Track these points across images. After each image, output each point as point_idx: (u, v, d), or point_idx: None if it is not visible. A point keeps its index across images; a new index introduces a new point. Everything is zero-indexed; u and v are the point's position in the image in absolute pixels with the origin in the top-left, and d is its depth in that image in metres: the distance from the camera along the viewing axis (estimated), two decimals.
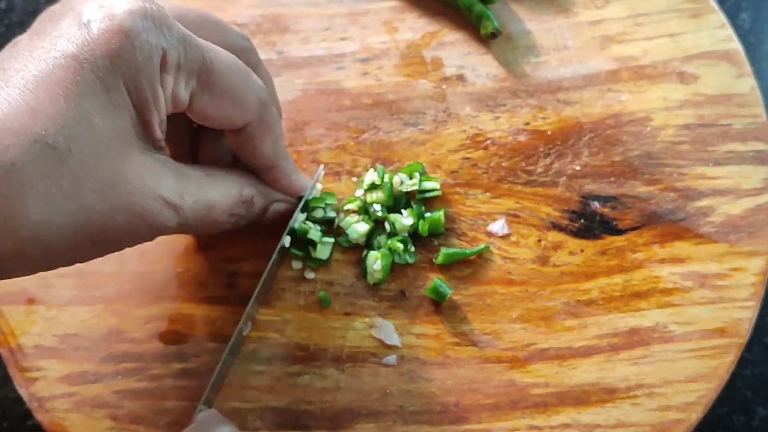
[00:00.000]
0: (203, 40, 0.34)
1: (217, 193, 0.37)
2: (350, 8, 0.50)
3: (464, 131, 0.46)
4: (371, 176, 0.44)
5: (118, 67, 0.30)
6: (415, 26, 0.49)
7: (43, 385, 0.41)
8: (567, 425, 0.40)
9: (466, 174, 0.45)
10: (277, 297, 0.43)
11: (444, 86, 0.47)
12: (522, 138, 0.46)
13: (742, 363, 0.46)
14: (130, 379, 0.41)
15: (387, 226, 0.43)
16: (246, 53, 0.38)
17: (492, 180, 0.44)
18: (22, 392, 0.42)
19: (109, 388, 0.41)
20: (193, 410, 0.39)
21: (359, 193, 0.44)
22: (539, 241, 0.44)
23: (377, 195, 0.43)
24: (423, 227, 0.43)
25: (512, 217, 0.44)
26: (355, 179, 0.45)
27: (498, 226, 0.44)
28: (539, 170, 0.45)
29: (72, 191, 0.30)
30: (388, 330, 0.42)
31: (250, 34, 0.49)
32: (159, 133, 0.33)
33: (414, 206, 0.43)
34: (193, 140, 0.42)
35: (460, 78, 0.47)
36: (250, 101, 0.36)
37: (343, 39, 0.49)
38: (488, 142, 0.46)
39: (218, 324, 0.42)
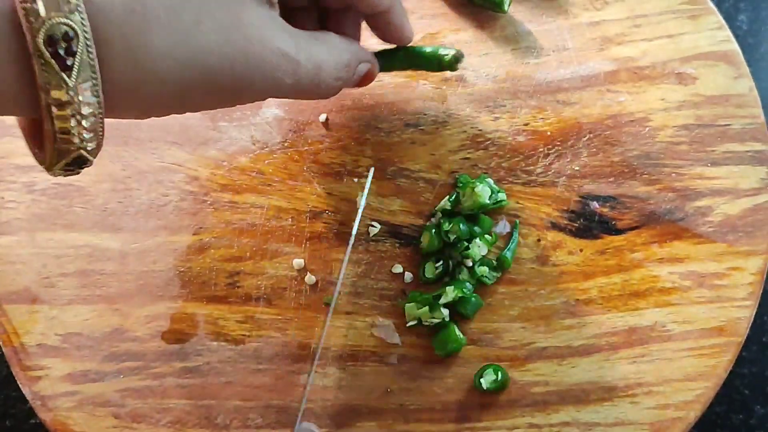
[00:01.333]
0: None
1: (326, 54, 0.37)
2: None
3: (464, 132, 0.46)
4: (444, 202, 0.44)
5: None
6: (416, 27, 0.49)
7: (46, 384, 0.42)
8: (566, 423, 0.40)
9: (466, 174, 0.45)
10: (279, 296, 0.43)
11: (444, 87, 0.48)
12: (521, 138, 0.46)
13: (740, 362, 0.47)
14: (132, 377, 0.42)
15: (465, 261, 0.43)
16: None
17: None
18: (25, 391, 0.42)
19: (112, 387, 0.42)
20: (194, 409, 0.40)
21: (432, 221, 0.44)
22: (539, 240, 0.44)
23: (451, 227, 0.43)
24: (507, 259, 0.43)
25: (512, 217, 0.44)
26: (356, 180, 0.45)
27: (498, 227, 0.44)
28: (539, 170, 0.45)
29: (194, 27, 0.30)
30: (388, 329, 0.42)
31: None
32: None
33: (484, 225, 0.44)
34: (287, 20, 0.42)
35: (460, 79, 0.48)
36: None
37: None
38: (488, 142, 0.46)
39: (220, 323, 0.43)
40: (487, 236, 0.43)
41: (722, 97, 0.46)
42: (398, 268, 0.43)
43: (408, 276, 0.43)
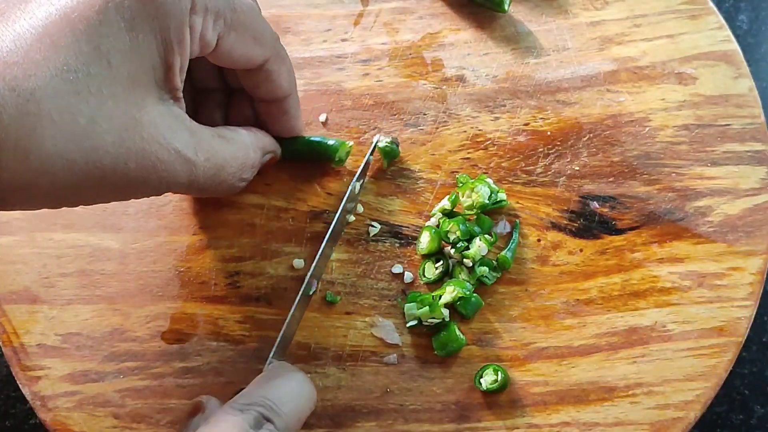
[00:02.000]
0: None
1: (228, 153, 0.37)
2: (351, 10, 0.50)
3: (464, 132, 0.46)
4: (443, 202, 0.44)
5: (144, 7, 0.31)
6: (416, 27, 0.49)
7: (46, 384, 0.42)
8: (566, 423, 0.40)
9: (466, 174, 0.45)
10: (279, 296, 0.43)
11: (444, 87, 0.48)
12: (521, 138, 0.46)
13: (740, 362, 0.47)
14: (132, 377, 0.42)
15: (465, 261, 0.43)
16: (275, 40, 0.39)
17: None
18: (25, 391, 0.42)
19: (112, 387, 0.42)
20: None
21: (432, 221, 0.44)
22: (539, 240, 0.44)
23: (452, 227, 0.43)
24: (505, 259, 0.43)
25: (512, 217, 0.44)
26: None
27: (498, 227, 0.44)
28: (539, 170, 0.45)
29: (88, 129, 0.30)
30: (388, 329, 0.42)
31: None
32: (179, 80, 0.33)
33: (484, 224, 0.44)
34: (194, 104, 0.42)
35: (460, 79, 0.48)
36: (268, 36, 0.37)
37: (344, 40, 0.49)
38: (488, 142, 0.46)
39: (220, 323, 0.43)
40: (487, 236, 0.43)
41: (722, 97, 0.46)
42: (398, 268, 0.43)
43: (408, 276, 0.43)
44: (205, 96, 0.42)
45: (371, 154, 0.45)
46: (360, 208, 0.45)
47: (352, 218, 0.44)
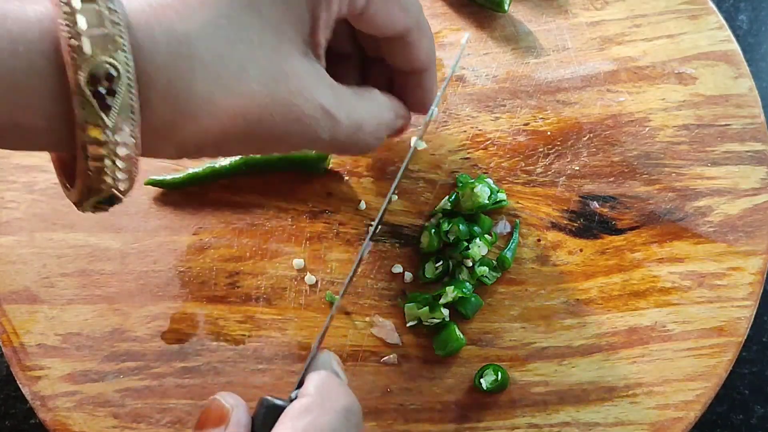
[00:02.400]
0: None
1: (366, 111, 0.37)
2: None
3: (464, 131, 0.46)
4: (443, 202, 0.44)
5: None
6: None
7: (46, 384, 0.42)
8: (566, 423, 0.40)
9: (466, 174, 0.45)
10: (279, 296, 0.43)
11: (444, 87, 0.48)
12: (521, 138, 0.46)
13: (740, 362, 0.47)
14: (132, 377, 0.42)
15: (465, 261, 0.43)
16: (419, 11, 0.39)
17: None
18: (25, 391, 0.42)
19: (112, 387, 0.42)
20: (194, 409, 0.40)
21: (432, 221, 0.44)
22: (539, 240, 0.44)
23: (452, 227, 0.43)
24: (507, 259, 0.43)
25: (512, 217, 0.44)
26: (356, 179, 0.45)
27: (498, 227, 0.44)
28: (539, 170, 0.45)
29: (237, 74, 0.30)
30: (388, 329, 0.42)
31: None
32: (323, 37, 0.33)
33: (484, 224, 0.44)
34: (331, 67, 0.42)
35: (460, 79, 0.48)
36: (413, 4, 0.37)
37: None
38: (488, 142, 0.46)
39: (220, 323, 0.43)
40: (487, 236, 0.43)
41: (722, 97, 0.46)
42: (398, 268, 0.43)
43: (408, 276, 0.43)
44: (342, 60, 0.41)
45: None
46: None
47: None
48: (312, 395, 0.32)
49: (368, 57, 0.41)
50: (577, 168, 0.45)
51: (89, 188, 0.28)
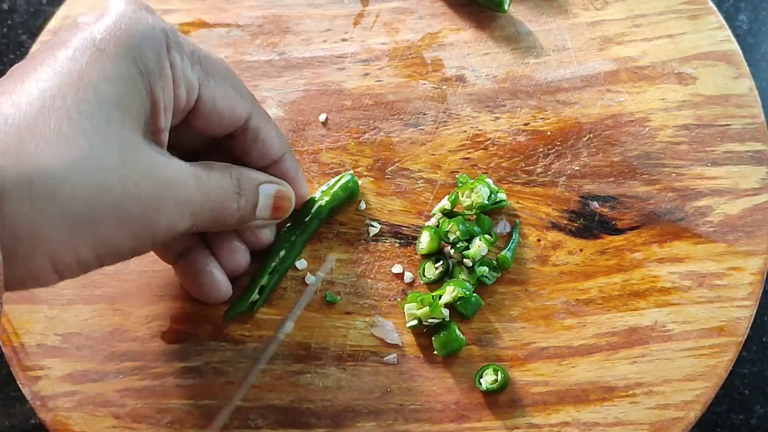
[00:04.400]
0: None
1: (215, 185, 0.36)
2: (351, 9, 0.50)
3: (464, 132, 0.46)
4: (443, 202, 0.44)
5: (119, 37, 0.32)
6: (416, 27, 0.49)
7: (46, 384, 0.42)
8: (566, 423, 0.40)
9: (466, 174, 0.45)
10: (279, 296, 0.43)
11: (444, 87, 0.48)
12: (521, 138, 0.46)
13: (740, 362, 0.47)
14: (132, 377, 0.42)
15: (465, 260, 0.43)
16: (254, 103, 0.40)
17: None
18: (25, 391, 0.42)
19: (112, 387, 0.42)
20: (194, 409, 0.40)
21: (432, 221, 0.44)
22: (539, 240, 0.44)
23: (452, 227, 0.42)
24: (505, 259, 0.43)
25: (512, 217, 0.44)
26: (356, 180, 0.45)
27: (498, 227, 0.44)
28: (539, 170, 0.45)
29: (87, 150, 0.30)
30: (388, 329, 0.42)
31: (252, 35, 0.49)
32: (163, 121, 0.34)
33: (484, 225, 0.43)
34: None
35: (460, 79, 0.48)
36: (245, 90, 0.38)
37: (344, 40, 0.49)
38: (488, 142, 0.46)
39: (220, 323, 0.43)
40: (487, 236, 0.43)
41: (722, 97, 0.46)
42: (398, 268, 0.43)
43: (408, 276, 0.43)
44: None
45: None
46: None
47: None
48: None
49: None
50: (577, 168, 0.45)
51: None
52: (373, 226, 0.44)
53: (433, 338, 0.42)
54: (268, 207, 0.40)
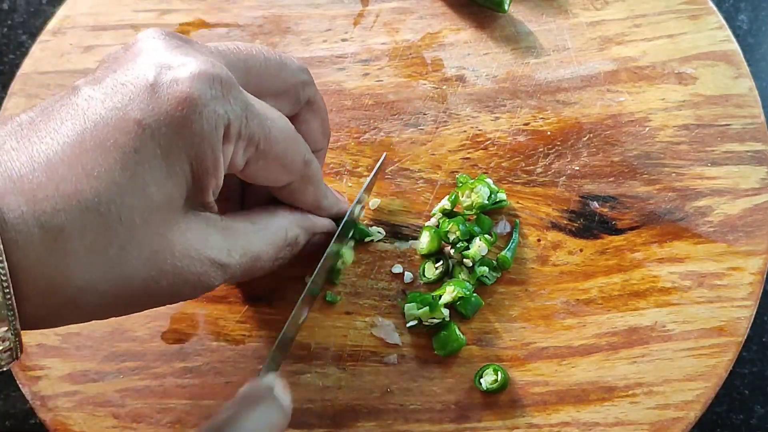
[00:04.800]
0: (263, 107, 0.33)
1: (264, 242, 0.36)
2: (351, 9, 0.50)
3: (464, 132, 0.46)
4: (443, 202, 0.44)
5: (181, 135, 0.29)
6: (416, 27, 0.49)
7: (46, 384, 0.42)
8: (566, 423, 0.40)
9: (466, 174, 0.45)
10: (279, 296, 0.43)
11: (444, 87, 0.48)
12: (521, 138, 0.46)
13: (740, 362, 0.47)
14: (132, 377, 0.42)
15: (465, 260, 0.43)
16: (305, 87, 0.38)
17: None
18: (25, 391, 0.42)
19: (112, 387, 0.41)
20: (194, 409, 0.40)
21: (432, 221, 0.44)
22: (539, 240, 0.44)
23: (452, 227, 0.42)
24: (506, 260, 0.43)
25: (512, 217, 0.44)
26: (356, 179, 0.45)
27: (498, 227, 0.44)
28: (539, 170, 0.45)
29: (117, 259, 0.29)
30: (388, 329, 0.42)
31: (252, 35, 0.49)
32: (212, 197, 0.32)
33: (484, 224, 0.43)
34: (241, 185, 0.41)
35: (460, 79, 0.48)
36: (298, 163, 0.36)
37: (344, 40, 0.49)
38: (488, 142, 0.46)
39: (220, 323, 0.43)
40: (487, 236, 0.43)
41: (722, 97, 0.46)
42: (398, 268, 0.43)
43: (408, 276, 0.43)
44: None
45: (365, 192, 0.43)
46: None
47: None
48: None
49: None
50: (577, 168, 0.45)
51: None
52: (379, 232, 0.44)
53: (433, 338, 0.42)
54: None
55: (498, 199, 0.44)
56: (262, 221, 0.36)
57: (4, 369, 0.29)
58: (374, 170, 0.44)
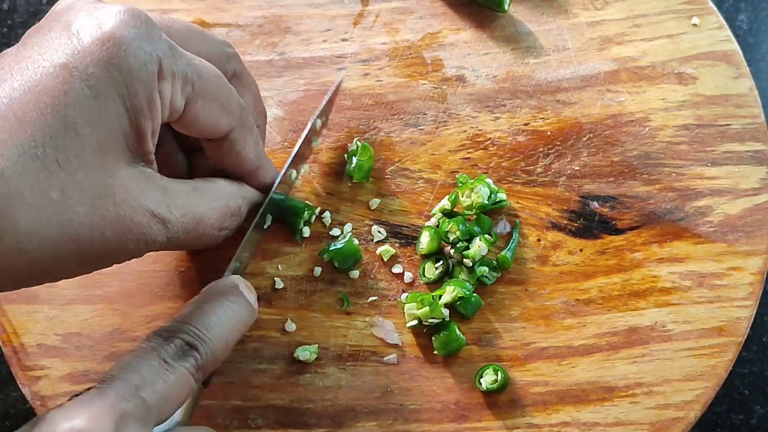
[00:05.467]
0: (184, 50, 0.34)
1: (206, 206, 0.36)
2: (351, 9, 0.50)
3: (464, 132, 0.46)
4: (443, 202, 0.44)
5: (110, 74, 0.30)
6: (416, 27, 0.49)
7: (46, 384, 0.42)
8: (566, 423, 0.40)
9: (466, 174, 0.45)
10: (279, 296, 0.43)
11: (444, 87, 0.48)
12: (521, 138, 0.46)
13: (740, 362, 0.47)
14: None
15: (465, 260, 0.43)
16: (230, 60, 0.39)
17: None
18: (25, 391, 0.42)
19: None
20: (196, 409, 0.40)
21: (432, 221, 0.44)
22: (539, 240, 0.44)
23: (452, 227, 0.42)
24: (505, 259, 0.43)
25: (512, 217, 0.44)
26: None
27: (498, 227, 0.44)
28: (539, 170, 0.45)
29: (60, 203, 0.30)
30: (388, 329, 0.42)
31: (252, 35, 0.49)
32: (151, 144, 0.33)
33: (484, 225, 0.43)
34: (188, 158, 0.42)
35: (460, 79, 0.48)
36: (234, 105, 0.37)
37: (344, 40, 0.49)
38: (488, 142, 0.46)
39: None
40: (487, 236, 0.43)
41: (722, 97, 0.46)
42: (398, 268, 0.43)
43: (408, 276, 0.43)
44: (195, 153, 0.42)
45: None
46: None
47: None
48: None
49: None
50: (577, 168, 0.45)
51: None
52: (380, 232, 0.44)
53: (433, 338, 0.42)
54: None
55: (498, 199, 0.44)
56: (203, 187, 0.37)
57: None
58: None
